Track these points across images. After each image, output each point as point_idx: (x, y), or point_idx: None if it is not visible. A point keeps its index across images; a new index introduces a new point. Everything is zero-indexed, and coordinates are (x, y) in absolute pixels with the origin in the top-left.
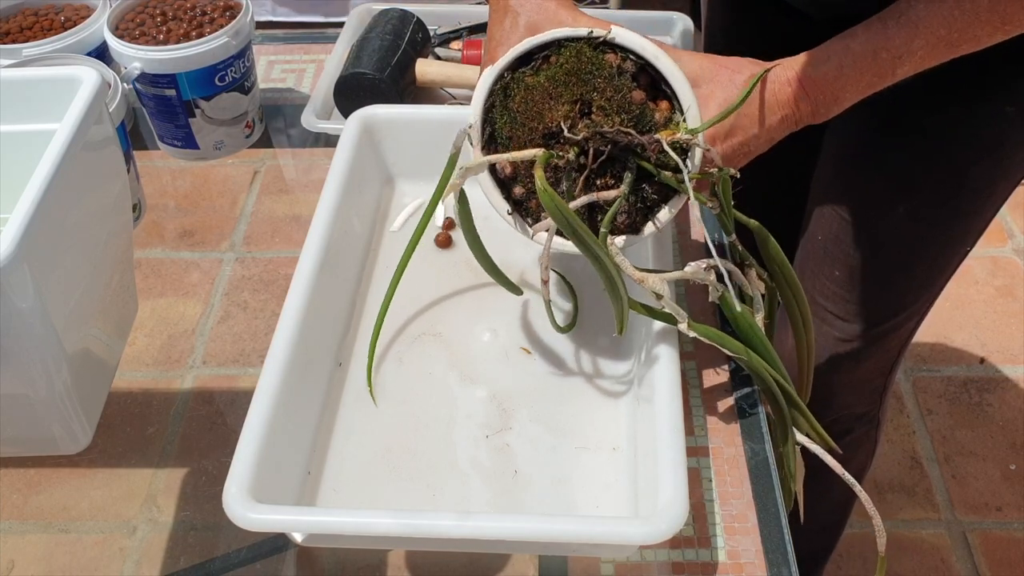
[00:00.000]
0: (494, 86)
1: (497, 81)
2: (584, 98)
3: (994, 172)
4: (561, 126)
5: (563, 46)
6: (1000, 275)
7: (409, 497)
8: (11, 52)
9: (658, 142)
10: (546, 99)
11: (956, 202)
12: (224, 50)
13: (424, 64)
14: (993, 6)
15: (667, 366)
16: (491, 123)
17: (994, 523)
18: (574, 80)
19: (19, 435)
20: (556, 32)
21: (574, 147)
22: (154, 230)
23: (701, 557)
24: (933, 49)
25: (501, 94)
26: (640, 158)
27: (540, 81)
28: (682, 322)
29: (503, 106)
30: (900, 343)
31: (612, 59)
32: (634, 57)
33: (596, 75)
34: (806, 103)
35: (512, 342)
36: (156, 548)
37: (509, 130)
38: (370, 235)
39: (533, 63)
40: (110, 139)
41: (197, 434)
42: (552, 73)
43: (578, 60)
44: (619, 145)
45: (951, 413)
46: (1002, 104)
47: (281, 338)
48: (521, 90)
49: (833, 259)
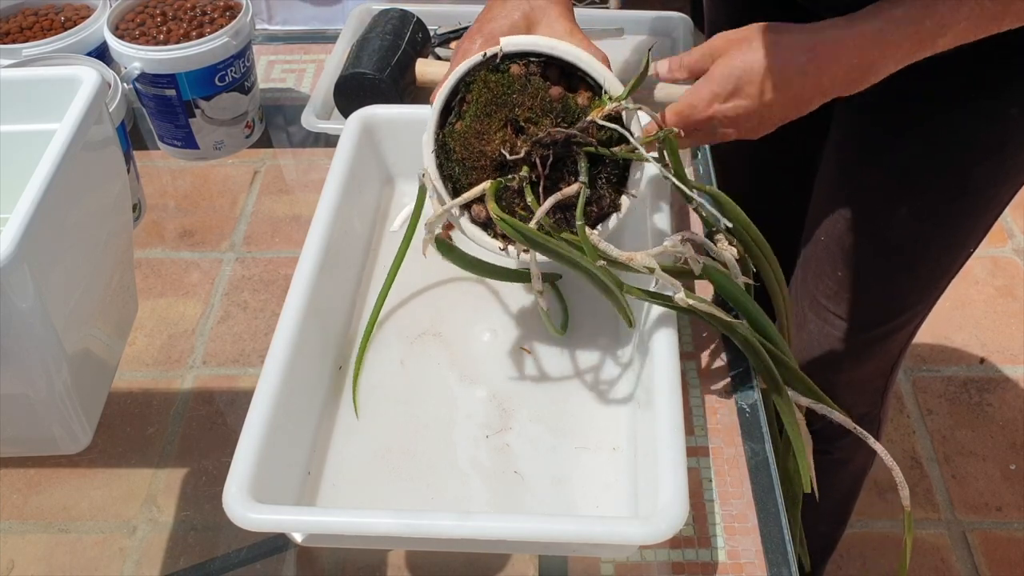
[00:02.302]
0: (436, 148)
1: (436, 143)
2: (510, 118)
3: (997, 174)
4: (502, 152)
5: (470, 82)
6: (1000, 275)
7: (409, 497)
8: (11, 52)
9: (591, 123)
10: (479, 136)
11: (959, 203)
12: (224, 50)
13: (424, 64)
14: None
15: (667, 366)
16: (449, 178)
17: (994, 523)
18: (493, 108)
19: (19, 435)
20: (457, 71)
21: (524, 166)
22: (154, 230)
23: (701, 557)
24: (978, 20)
25: (443, 152)
26: (584, 146)
27: (467, 123)
28: (678, 291)
29: (450, 160)
30: (901, 344)
31: (517, 70)
32: (534, 58)
33: (509, 93)
34: (836, 67)
35: (512, 342)
36: (156, 548)
37: (465, 178)
38: (370, 235)
39: (453, 111)
40: (110, 139)
41: (197, 434)
42: (473, 111)
43: (487, 88)
44: (559, 144)
45: (951, 413)
46: (1006, 105)
47: (281, 338)
48: (457, 140)
49: (835, 259)
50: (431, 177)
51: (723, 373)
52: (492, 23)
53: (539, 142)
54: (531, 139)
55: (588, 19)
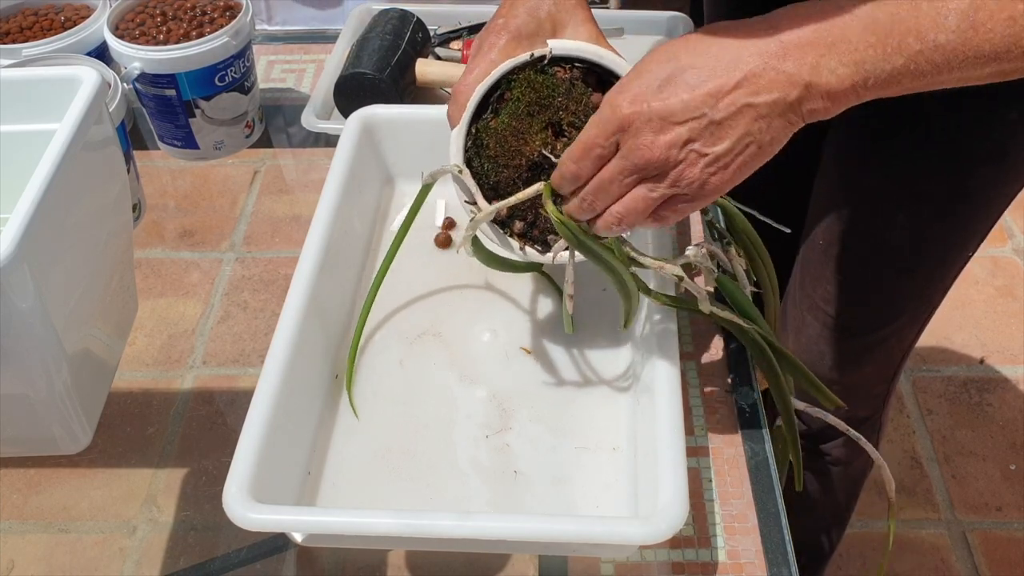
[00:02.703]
0: (466, 142)
1: (467, 137)
2: (552, 120)
3: (997, 178)
4: (543, 153)
5: (512, 80)
6: (1000, 275)
7: (409, 497)
8: (11, 52)
9: None
10: (517, 136)
11: (959, 208)
12: (224, 50)
13: (424, 64)
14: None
15: (667, 366)
16: (476, 174)
17: (994, 523)
18: (536, 108)
19: (19, 435)
20: (502, 68)
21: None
22: (154, 230)
23: (701, 557)
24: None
25: (474, 147)
26: None
27: (505, 121)
28: (704, 301)
29: (481, 156)
30: (903, 348)
31: (561, 73)
32: (579, 64)
33: (554, 95)
34: (803, 68)
35: (512, 342)
36: (156, 548)
37: (495, 175)
38: (370, 235)
39: (491, 107)
40: (110, 139)
41: (197, 434)
42: (513, 109)
43: (532, 88)
44: None
45: (951, 413)
46: (1006, 110)
47: (281, 338)
48: (492, 136)
49: (834, 263)
50: (466, 174)
51: (723, 373)
52: (517, 19)
53: None
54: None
55: None
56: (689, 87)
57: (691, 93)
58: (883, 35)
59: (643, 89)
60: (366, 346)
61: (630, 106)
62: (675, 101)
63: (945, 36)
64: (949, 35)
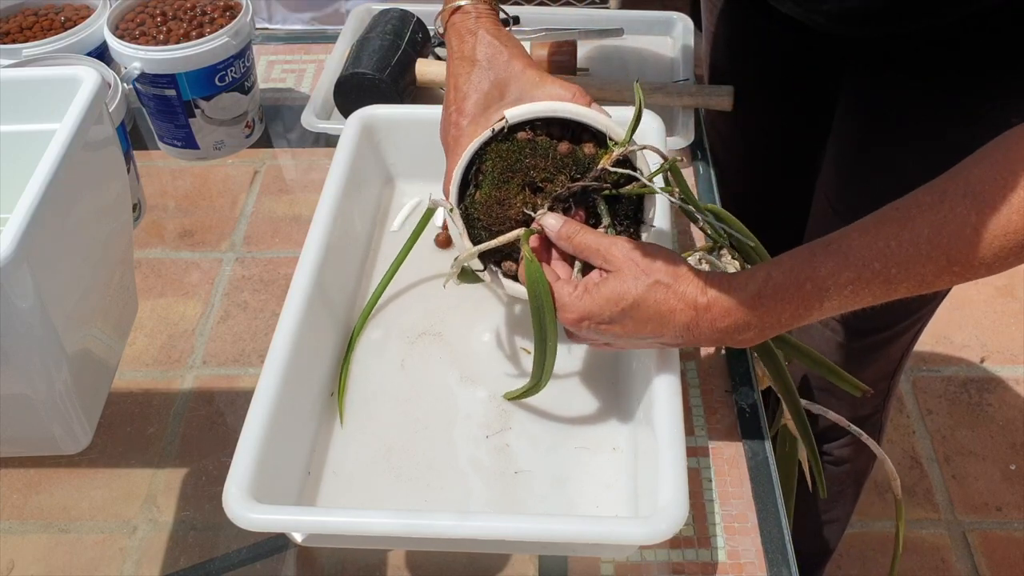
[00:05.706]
0: (461, 211)
1: (461, 214)
2: (527, 181)
3: None
4: (524, 213)
5: (483, 155)
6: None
7: (409, 497)
8: (11, 52)
9: (603, 170)
10: (500, 203)
11: None
12: (224, 50)
13: (424, 64)
14: (935, 240)
15: (667, 366)
16: (476, 242)
17: (994, 523)
18: (509, 175)
19: (19, 435)
20: (469, 150)
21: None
22: (154, 230)
23: (701, 557)
24: (867, 284)
25: (467, 222)
26: (600, 192)
27: (486, 192)
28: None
29: (475, 227)
30: (902, 349)
31: (523, 136)
32: (537, 122)
33: (521, 158)
34: (708, 329)
35: (512, 342)
36: (156, 548)
37: (488, 235)
38: (370, 235)
39: (470, 183)
40: (110, 139)
41: (197, 434)
42: (490, 180)
43: (501, 158)
44: (577, 195)
45: (951, 413)
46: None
47: (281, 338)
48: (479, 208)
49: None
50: (456, 214)
51: (723, 373)
52: (467, 100)
53: (558, 198)
54: (550, 196)
55: (588, 19)
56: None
57: (621, 324)
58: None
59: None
60: (367, 346)
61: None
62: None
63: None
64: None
